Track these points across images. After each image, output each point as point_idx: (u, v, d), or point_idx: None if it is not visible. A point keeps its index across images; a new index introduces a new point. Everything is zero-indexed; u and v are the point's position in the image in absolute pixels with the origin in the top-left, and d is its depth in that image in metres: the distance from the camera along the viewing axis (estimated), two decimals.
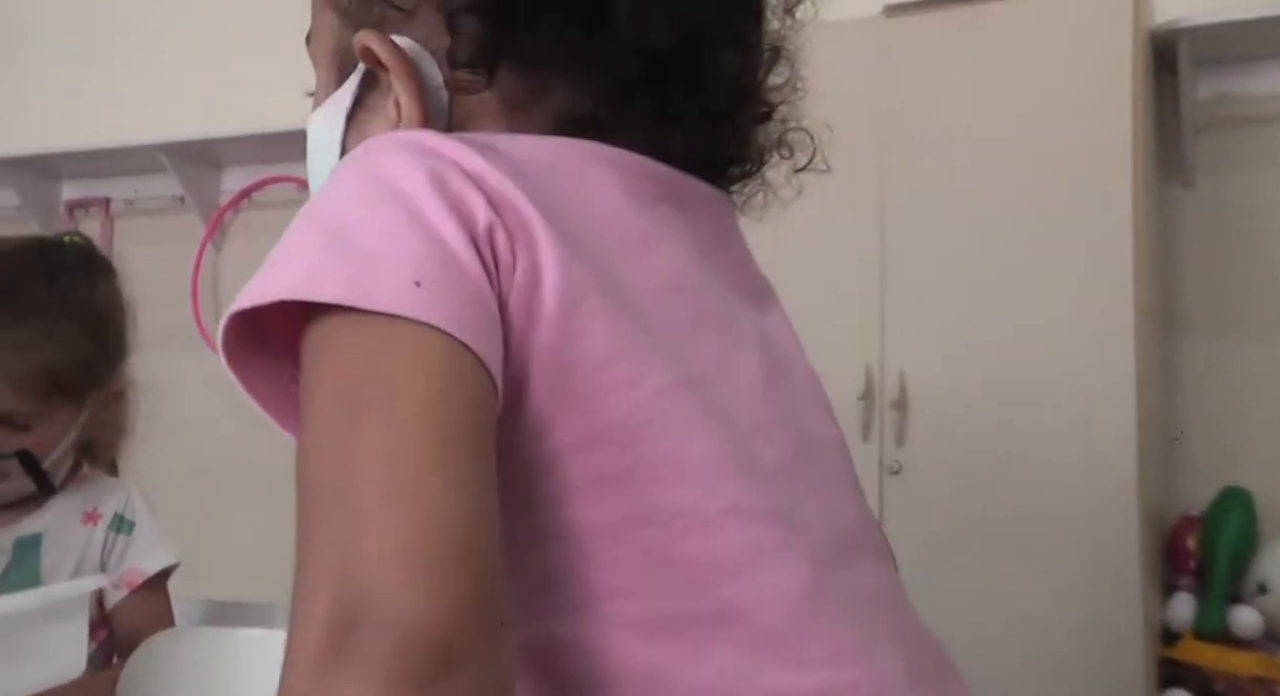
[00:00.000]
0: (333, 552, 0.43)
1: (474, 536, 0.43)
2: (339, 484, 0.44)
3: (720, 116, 0.63)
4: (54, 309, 1.20)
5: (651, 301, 0.55)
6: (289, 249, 0.50)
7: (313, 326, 0.48)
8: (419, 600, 0.41)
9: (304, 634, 0.41)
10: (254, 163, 2.98)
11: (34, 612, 0.96)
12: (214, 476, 2.95)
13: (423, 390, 0.46)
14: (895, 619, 0.60)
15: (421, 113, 0.60)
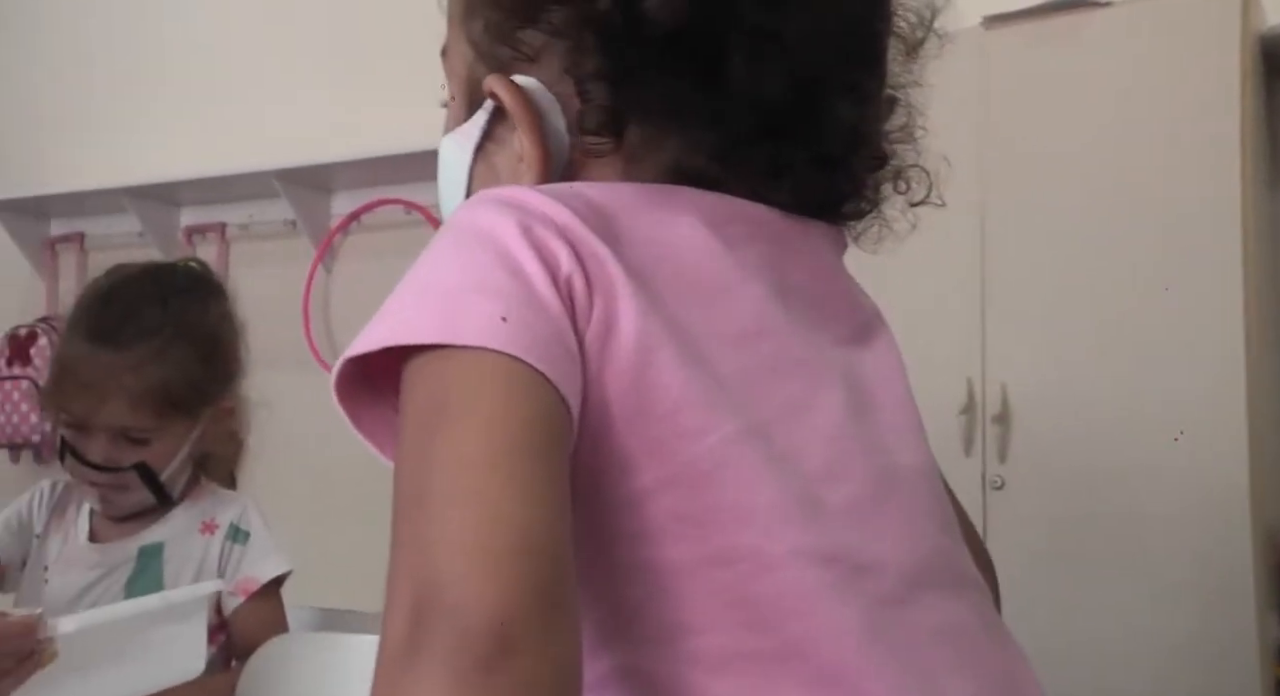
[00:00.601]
0: (409, 552, 0.47)
1: (530, 532, 0.47)
2: (416, 492, 0.49)
3: (833, 164, 0.64)
4: (167, 330, 1.26)
5: (728, 348, 0.58)
6: (391, 302, 0.55)
7: (409, 364, 0.52)
8: (478, 588, 0.44)
9: (389, 624, 0.46)
10: (362, 186, 3.06)
11: (155, 614, 1.01)
12: (324, 488, 3.03)
13: (492, 404, 0.50)
14: (965, 653, 0.60)
15: (542, 156, 0.63)
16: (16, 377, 3.46)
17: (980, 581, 0.66)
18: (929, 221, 0.73)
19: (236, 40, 3.36)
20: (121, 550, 1.31)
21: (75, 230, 3.60)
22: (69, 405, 1.26)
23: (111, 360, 1.23)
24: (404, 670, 0.44)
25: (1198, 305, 1.90)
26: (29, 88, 3.78)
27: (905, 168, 0.69)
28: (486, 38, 0.66)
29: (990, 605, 0.65)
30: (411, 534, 0.48)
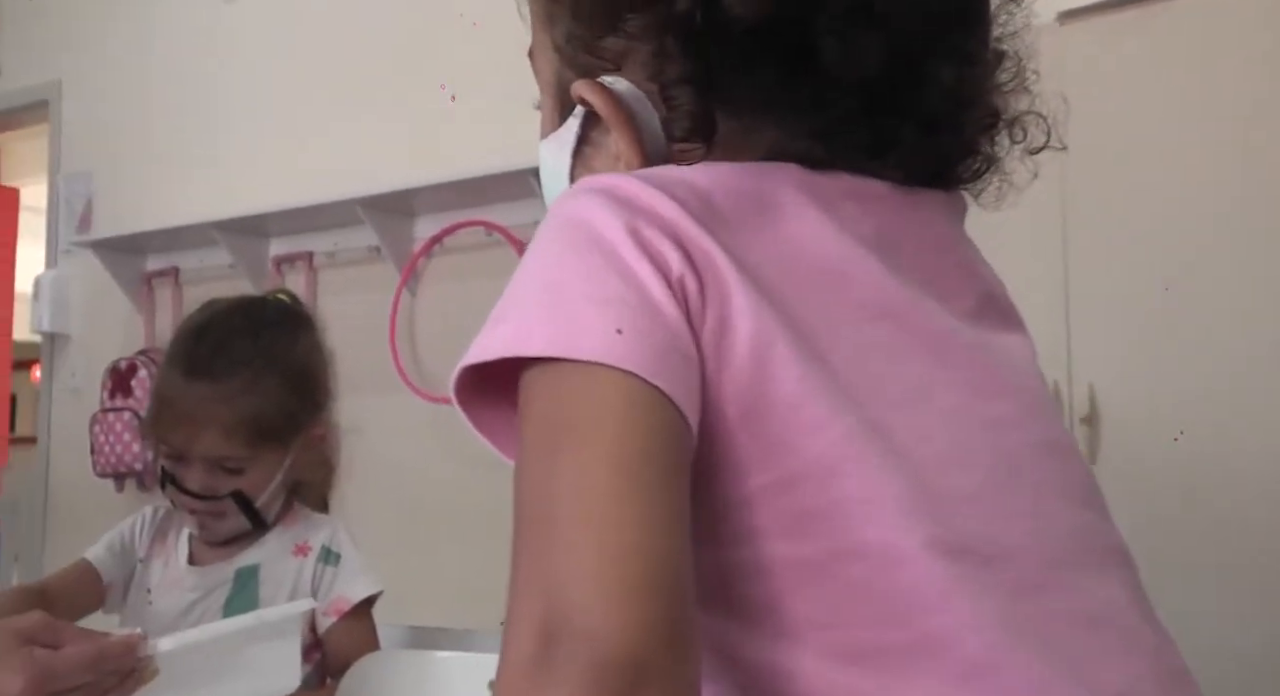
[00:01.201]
0: (538, 574, 0.48)
1: (663, 562, 0.47)
2: (542, 514, 0.49)
3: (941, 128, 0.63)
4: (258, 362, 1.30)
5: (847, 332, 0.57)
6: (509, 304, 0.55)
7: (527, 374, 0.53)
8: (610, 619, 0.45)
9: (515, 643, 0.47)
10: (443, 210, 3.11)
11: (251, 632, 1.04)
12: (412, 508, 3.07)
13: (614, 429, 0.50)
14: (1116, 635, 0.58)
15: (640, 157, 0.62)
16: (119, 409, 3.58)
17: (1128, 553, 0.63)
18: (1010, 218, 0.72)
19: (316, 75, 3.44)
20: (219, 572, 1.35)
21: (170, 265, 3.71)
22: (168, 436, 1.30)
23: (206, 392, 1.28)
24: (531, 691, 0.45)
25: None
26: (124, 132, 3.92)
27: (1020, 116, 0.67)
28: (570, 46, 0.66)
29: (1139, 578, 0.63)
30: (539, 553, 0.48)
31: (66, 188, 4.05)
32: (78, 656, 0.85)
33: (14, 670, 0.81)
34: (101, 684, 0.86)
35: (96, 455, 3.58)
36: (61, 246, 4.04)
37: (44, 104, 4.17)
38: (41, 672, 0.82)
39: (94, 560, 1.37)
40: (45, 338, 4.10)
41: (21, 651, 0.82)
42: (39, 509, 4.07)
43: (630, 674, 0.44)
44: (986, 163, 0.66)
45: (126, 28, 3.93)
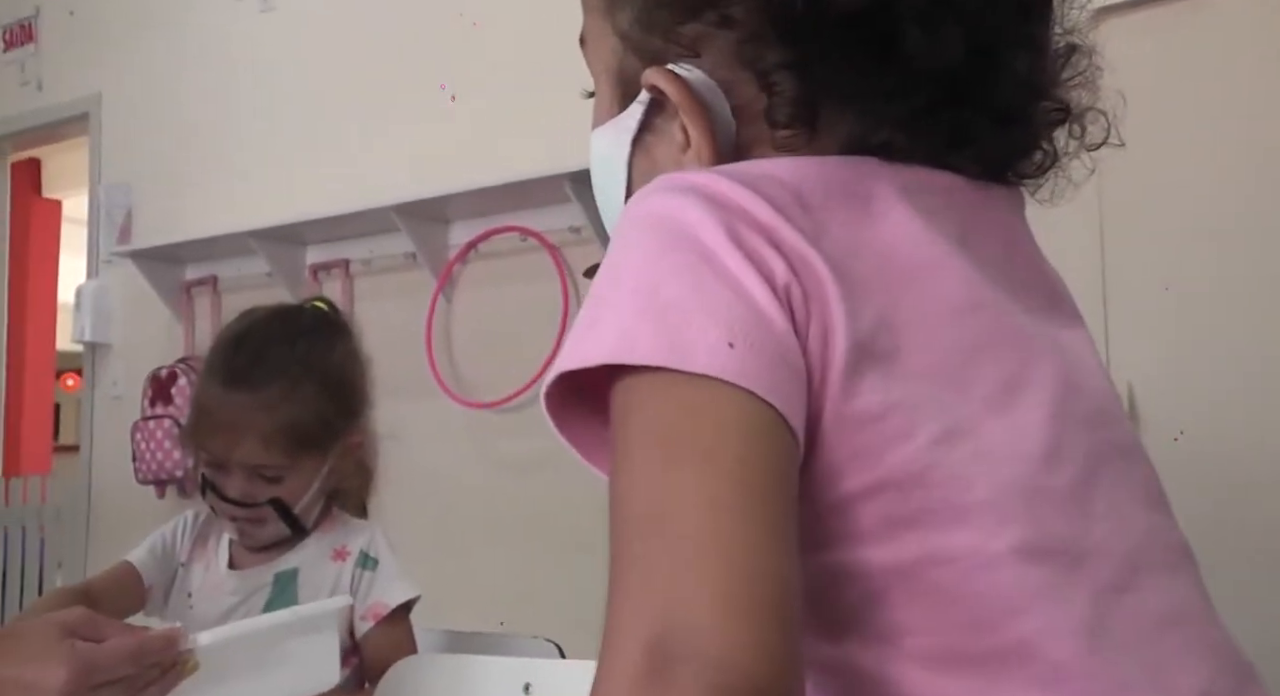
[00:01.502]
0: (654, 587, 0.46)
1: (787, 588, 0.47)
2: (658, 525, 0.48)
3: (1013, 119, 0.62)
4: (295, 371, 1.31)
5: (939, 328, 0.56)
6: (603, 308, 0.54)
7: (628, 381, 0.52)
8: (738, 642, 0.44)
9: (622, 657, 0.45)
10: (478, 216, 3.13)
11: (288, 627, 1.05)
12: (449, 513, 3.09)
13: (736, 447, 0.49)
14: (1192, 635, 0.58)
15: (714, 148, 0.61)
16: (159, 417, 3.62)
17: (1193, 553, 0.63)
18: (1044, 219, 0.71)
19: (351, 84, 3.47)
20: (259, 576, 1.36)
21: (209, 274, 3.75)
22: (207, 444, 1.32)
23: (244, 401, 1.29)
24: None
25: None
26: (163, 143, 3.97)
27: (1081, 111, 0.66)
28: (638, 29, 0.64)
29: (1201, 578, 0.63)
30: (654, 567, 0.47)
31: (106, 199, 4.10)
32: (119, 649, 0.86)
33: (58, 662, 0.82)
34: (143, 677, 0.87)
35: (138, 462, 3.63)
36: (102, 257, 4.09)
37: (84, 117, 4.23)
38: (84, 665, 0.83)
39: (136, 563, 1.38)
40: (87, 347, 4.15)
41: (64, 643, 0.84)
42: (82, 515, 4.12)
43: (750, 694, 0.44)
44: (1051, 158, 0.66)
45: (163, 41, 3.98)
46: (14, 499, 4.47)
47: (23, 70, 4.41)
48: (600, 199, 0.68)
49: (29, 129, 4.49)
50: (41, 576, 4.30)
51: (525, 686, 1.15)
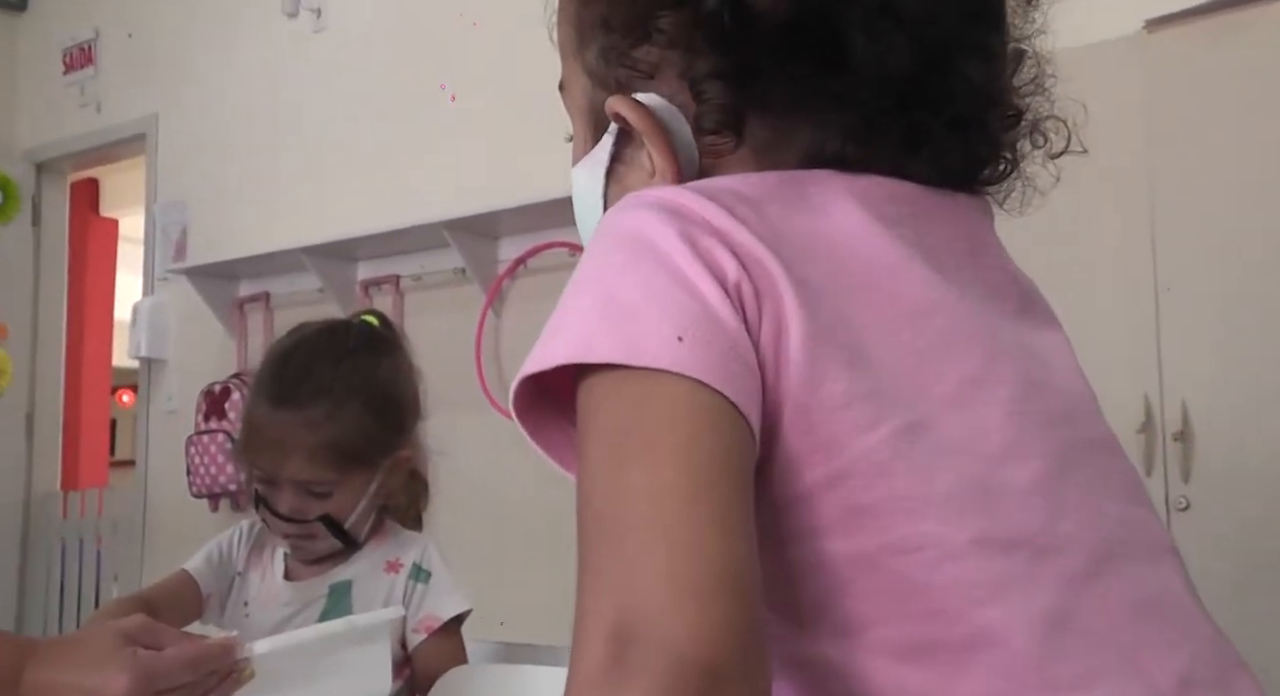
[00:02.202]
0: (608, 580, 0.49)
1: (733, 566, 0.48)
2: (610, 521, 0.50)
3: (968, 127, 0.63)
4: (339, 389, 1.32)
5: (898, 331, 0.58)
6: (565, 315, 0.56)
7: (587, 381, 0.54)
8: (687, 623, 0.46)
9: (586, 650, 0.47)
10: (526, 231, 3.15)
11: (342, 637, 1.06)
12: (499, 527, 3.10)
13: (682, 435, 0.51)
14: (1171, 623, 0.58)
15: (675, 168, 0.63)
16: (213, 431, 3.67)
17: (1178, 551, 0.63)
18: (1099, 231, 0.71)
19: (400, 102, 3.51)
20: (313, 589, 1.38)
21: (261, 290, 3.80)
22: (257, 461, 1.34)
23: (290, 419, 1.30)
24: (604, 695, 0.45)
25: None
26: (217, 162, 4.03)
27: (1040, 120, 0.67)
28: (602, 63, 0.66)
29: (1188, 573, 0.63)
30: (608, 561, 0.49)
31: (163, 217, 4.18)
32: (179, 657, 0.87)
33: (119, 669, 0.84)
34: (201, 685, 0.88)
35: (192, 476, 3.68)
36: (158, 274, 4.16)
37: (141, 137, 4.31)
38: (145, 672, 0.84)
39: (193, 572, 1.40)
40: (143, 363, 4.22)
41: (125, 651, 0.85)
42: (138, 528, 4.18)
43: (707, 677, 0.45)
44: (1010, 164, 0.67)
45: (218, 62, 4.05)
46: (72, 512, 4.55)
47: (82, 92, 4.51)
48: (582, 232, 0.71)
49: (88, 149, 4.58)
50: (98, 588, 4.37)
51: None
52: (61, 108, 4.58)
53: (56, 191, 4.80)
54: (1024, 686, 0.53)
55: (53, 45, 4.60)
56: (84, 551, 4.44)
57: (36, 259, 4.69)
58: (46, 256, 4.74)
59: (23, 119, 4.77)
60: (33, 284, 4.68)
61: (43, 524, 4.58)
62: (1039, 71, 0.67)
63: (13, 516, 4.55)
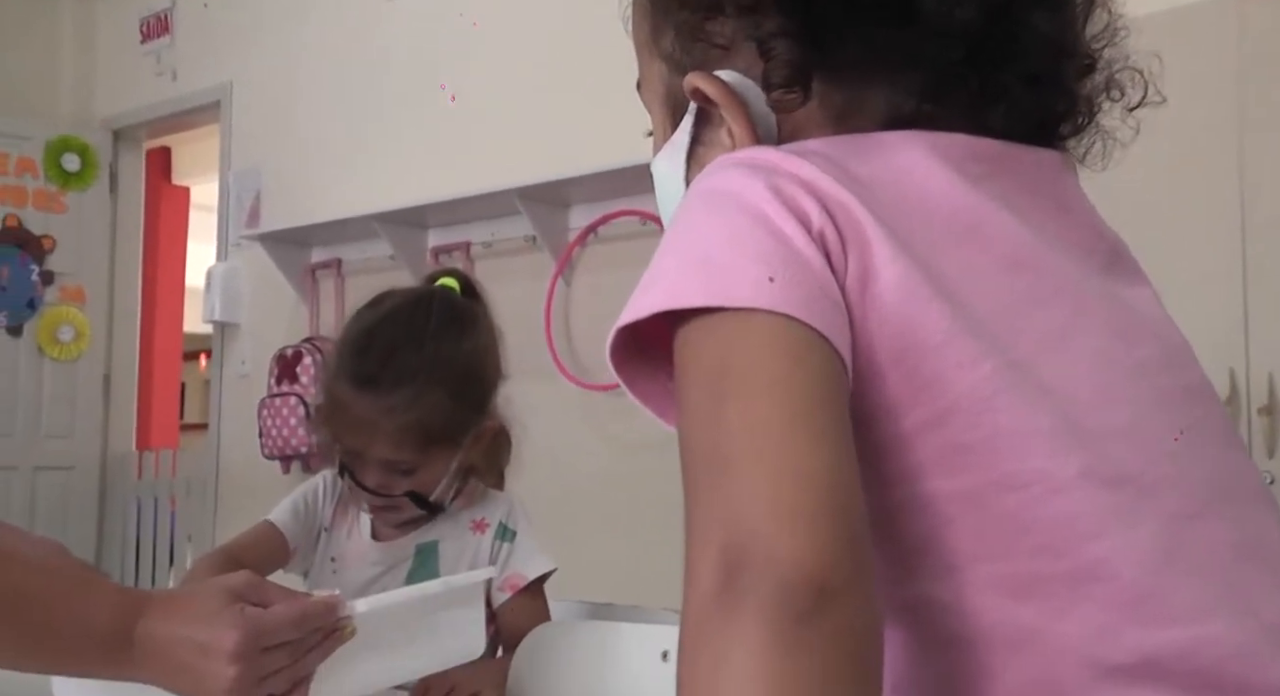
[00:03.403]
0: (714, 510, 0.50)
1: (835, 487, 0.49)
2: (712, 453, 0.51)
3: (1042, 80, 0.63)
4: (423, 375, 1.31)
5: (985, 284, 0.58)
6: (656, 269, 0.57)
7: (682, 329, 0.55)
8: (793, 544, 0.47)
9: (697, 578, 0.49)
10: (598, 199, 3.16)
11: (438, 597, 1.07)
12: (568, 493, 3.12)
13: (778, 367, 0.52)
14: (1271, 569, 0.58)
15: (753, 139, 0.63)
16: (285, 395, 3.73)
17: (1274, 498, 0.63)
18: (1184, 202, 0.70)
19: (471, 70, 3.53)
20: (401, 549, 1.39)
21: (334, 256, 3.85)
22: (342, 438, 1.34)
23: (374, 404, 1.30)
24: (719, 622, 0.47)
25: None
26: (290, 130, 4.08)
27: (1115, 72, 0.67)
28: (678, 45, 0.67)
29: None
30: (714, 493, 0.50)
31: (236, 184, 4.24)
32: (286, 615, 0.89)
33: (229, 625, 0.85)
34: (305, 642, 0.90)
35: (264, 438, 3.74)
36: (232, 240, 4.23)
37: (215, 105, 4.38)
38: (254, 628, 0.86)
39: (279, 524, 1.40)
40: (216, 327, 4.29)
41: (234, 607, 0.87)
42: (210, 489, 4.27)
43: (815, 595, 0.46)
44: (1087, 118, 0.67)
45: (291, 30, 4.09)
46: (146, 473, 4.66)
47: (158, 61, 4.57)
48: (664, 215, 0.71)
49: (164, 117, 4.65)
50: (172, 547, 4.48)
51: (664, 654, 1.17)
52: (138, 76, 4.65)
53: (132, 159, 4.88)
54: (1134, 619, 0.53)
55: (130, 15, 4.67)
56: (158, 511, 4.55)
57: (113, 225, 4.78)
58: (123, 223, 4.83)
59: (101, 88, 4.86)
60: (109, 250, 4.77)
61: (119, 483, 4.69)
62: (1110, 21, 0.67)
63: (91, 474, 4.67)
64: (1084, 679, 0.53)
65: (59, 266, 4.59)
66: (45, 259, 4.56)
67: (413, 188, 3.51)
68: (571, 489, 3.14)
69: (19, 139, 4.54)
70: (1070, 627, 0.53)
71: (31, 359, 4.54)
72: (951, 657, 0.55)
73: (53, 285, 4.58)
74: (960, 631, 0.55)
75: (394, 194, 3.55)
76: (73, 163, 4.63)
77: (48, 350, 4.56)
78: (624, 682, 1.17)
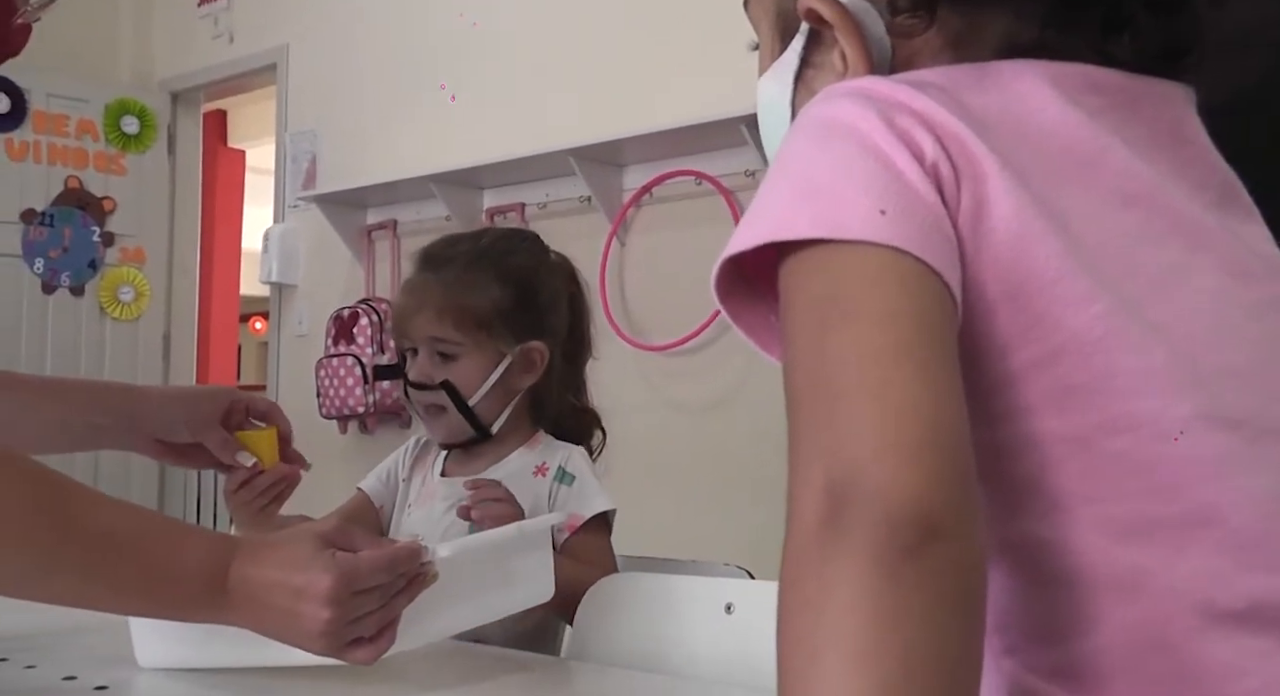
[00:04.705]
0: (818, 442, 0.49)
1: (941, 420, 0.48)
2: (818, 385, 0.51)
3: (1169, 8, 0.62)
4: (476, 258, 1.42)
5: (1099, 219, 0.57)
6: (764, 199, 0.56)
7: (790, 260, 0.54)
8: (899, 476, 0.46)
9: (800, 511, 0.48)
10: (652, 159, 3.15)
11: (512, 542, 1.09)
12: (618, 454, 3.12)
13: (887, 300, 0.51)
14: None
15: (867, 63, 0.62)
16: (342, 355, 3.76)
17: None
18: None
19: (527, 31, 3.52)
20: None
21: (389, 218, 3.87)
22: (399, 325, 1.45)
23: (426, 279, 1.42)
24: (824, 553, 0.46)
25: None
26: (346, 91, 4.10)
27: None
28: None
29: None
30: (818, 424, 0.49)
31: (293, 146, 4.27)
32: (375, 559, 0.90)
33: (323, 569, 0.87)
34: (393, 586, 0.91)
35: (322, 398, 3.78)
36: (289, 202, 4.26)
37: (272, 67, 4.40)
38: (346, 573, 0.87)
39: (368, 490, 1.50)
40: (274, 288, 4.34)
41: (325, 553, 0.88)
42: None
43: (921, 529, 0.45)
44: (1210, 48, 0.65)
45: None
46: None
47: (216, 24, 4.61)
48: (766, 143, 0.70)
49: (221, 80, 4.69)
50: None
51: (727, 606, 1.17)
52: (196, 39, 4.69)
53: (190, 121, 4.93)
54: (1246, 565, 0.53)
55: None
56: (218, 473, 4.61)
57: (172, 187, 4.84)
58: (181, 184, 4.88)
59: (159, 50, 4.90)
60: (169, 211, 4.83)
61: None
62: None
63: None
64: (1191, 623, 0.52)
65: (119, 228, 4.66)
66: (106, 220, 4.63)
67: (468, 148, 3.52)
68: (626, 448, 3.12)
69: (79, 101, 4.60)
70: (1179, 572, 0.53)
71: (94, 319, 4.62)
72: (1056, 598, 0.55)
73: (113, 246, 4.64)
74: (1065, 572, 0.54)
75: (449, 155, 3.56)
76: (132, 125, 4.69)
77: (109, 310, 4.63)
78: (688, 634, 1.18)
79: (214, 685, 0.99)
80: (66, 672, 1.01)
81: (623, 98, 3.23)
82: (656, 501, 3.02)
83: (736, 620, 1.16)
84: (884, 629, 0.44)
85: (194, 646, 0.98)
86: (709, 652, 1.16)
